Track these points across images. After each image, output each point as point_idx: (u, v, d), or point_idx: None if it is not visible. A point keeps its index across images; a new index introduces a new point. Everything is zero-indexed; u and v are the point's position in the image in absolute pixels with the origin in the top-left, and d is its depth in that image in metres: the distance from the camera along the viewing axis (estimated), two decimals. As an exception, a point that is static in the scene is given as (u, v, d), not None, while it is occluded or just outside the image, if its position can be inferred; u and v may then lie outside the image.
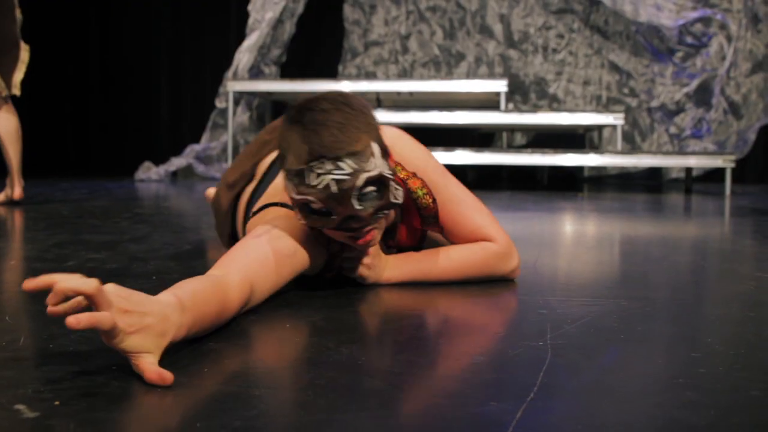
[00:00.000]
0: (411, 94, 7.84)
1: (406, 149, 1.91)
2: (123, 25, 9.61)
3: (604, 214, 4.47)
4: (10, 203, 4.57)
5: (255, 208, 1.92)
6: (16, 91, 4.47)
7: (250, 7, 8.17)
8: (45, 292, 1.07)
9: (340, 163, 1.57)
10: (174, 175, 8.30)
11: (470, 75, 8.93)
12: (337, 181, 1.57)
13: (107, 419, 0.96)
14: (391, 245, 2.00)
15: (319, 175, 1.57)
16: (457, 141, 7.86)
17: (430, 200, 1.88)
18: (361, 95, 8.00)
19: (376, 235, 1.70)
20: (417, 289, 1.86)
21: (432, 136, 6.89)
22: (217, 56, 8.94)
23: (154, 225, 3.49)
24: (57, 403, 1.00)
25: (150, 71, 9.64)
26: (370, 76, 9.03)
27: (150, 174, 8.02)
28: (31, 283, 1.05)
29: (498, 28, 8.93)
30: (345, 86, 7.51)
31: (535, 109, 8.64)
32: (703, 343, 1.40)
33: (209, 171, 8.15)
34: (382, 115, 6.83)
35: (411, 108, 7.49)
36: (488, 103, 8.09)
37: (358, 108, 1.63)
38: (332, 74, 8.97)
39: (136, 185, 7.15)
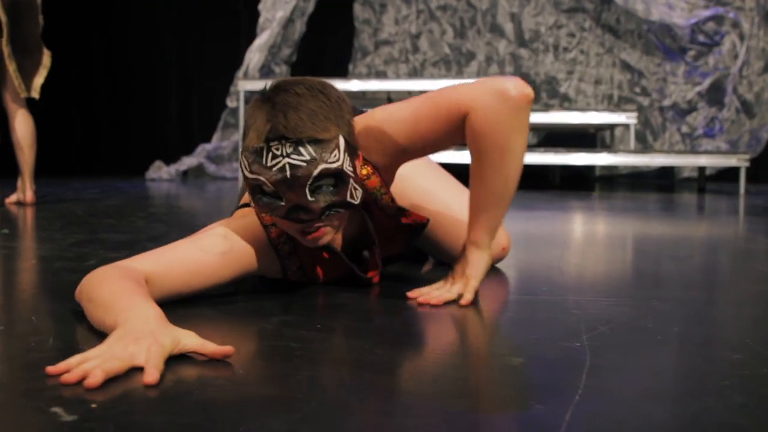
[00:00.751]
0: (422, 93, 7.82)
1: (391, 130, 1.72)
2: (131, 23, 9.60)
3: (618, 213, 4.44)
4: (22, 204, 4.56)
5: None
6: (36, 94, 4.48)
7: (260, 6, 8.15)
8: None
9: (301, 148, 1.51)
10: (185, 174, 8.29)
11: (481, 74, 8.89)
12: (292, 165, 1.51)
13: (145, 422, 0.94)
14: (376, 253, 1.85)
15: (275, 156, 1.51)
16: (469, 140, 7.82)
17: (389, 199, 1.79)
18: (372, 94, 8.02)
19: (328, 233, 1.62)
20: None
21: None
22: (227, 55, 8.92)
23: (170, 224, 3.48)
24: (94, 406, 0.98)
25: (159, 70, 9.62)
26: (381, 75, 9.01)
27: (161, 173, 8.01)
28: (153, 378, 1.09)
29: (509, 27, 8.90)
30: (355, 85, 7.49)
31: (547, 108, 8.60)
32: (742, 345, 1.38)
33: (220, 170, 8.14)
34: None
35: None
36: (499, 102, 8.06)
37: (334, 99, 1.57)
38: (342, 73, 8.95)
39: (147, 184, 7.15)
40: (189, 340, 1.21)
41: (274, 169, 1.51)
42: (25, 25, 4.42)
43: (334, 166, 1.53)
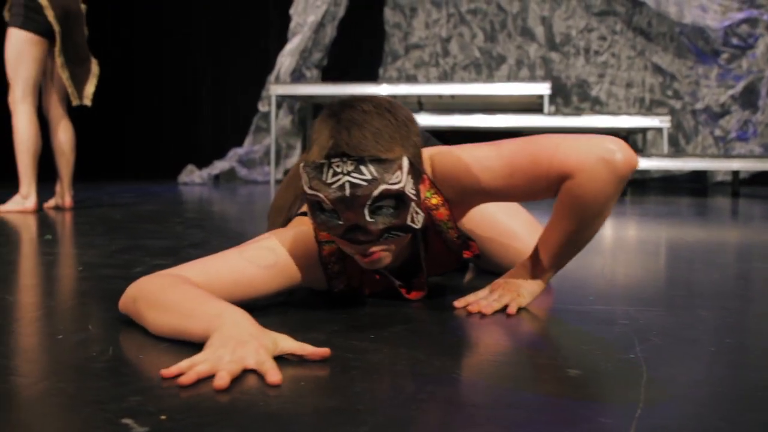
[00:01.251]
0: (452, 97, 7.82)
1: (479, 175, 1.66)
2: (164, 28, 9.67)
3: (652, 218, 4.42)
4: (61, 209, 4.63)
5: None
6: (88, 101, 4.59)
7: (292, 11, 8.20)
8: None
9: (362, 167, 1.45)
10: (216, 178, 8.34)
11: (511, 78, 8.88)
12: (352, 184, 1.46)
13: (215, 434, 0.95)
14: (415, 286, 1.81)
15: (335, 173, 1.46)
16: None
17: (455, 235, 1.75)
18: (402, 98, 8.03)
19: (385, 257, 1.57)
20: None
21: (473, 140, 6.85)
22: (258, 60, 8.97)
23: (208, 230, 3.51)
24: (164, 417, 0.99)
25: (192, 74, 9.70)
26: (411, 79, 9.03)
27: (193, 177, 8.07)
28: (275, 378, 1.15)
29: (539, 31, 8.88)
30: (385, 89, 7.51)
31: (579, 111, 8.57)
32: (798, 357, 1.37)
33: (251, 174, 8.19)
34: (423, 119, 6.82)
35: (454, 111, 7.44)
36: (529, 105, 8.05)
37: (401, 119, 1.53)
38: (373, 77, 8.98)
39: (180, 188, 7.20)
40: (286, 342, 1.27)
41: (334, 186, 1.47)
42: (75, 34, 4.53)
43: (395, 187, 1.48)
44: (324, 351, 1.27)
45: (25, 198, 4.43)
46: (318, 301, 1.79)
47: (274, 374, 1.15)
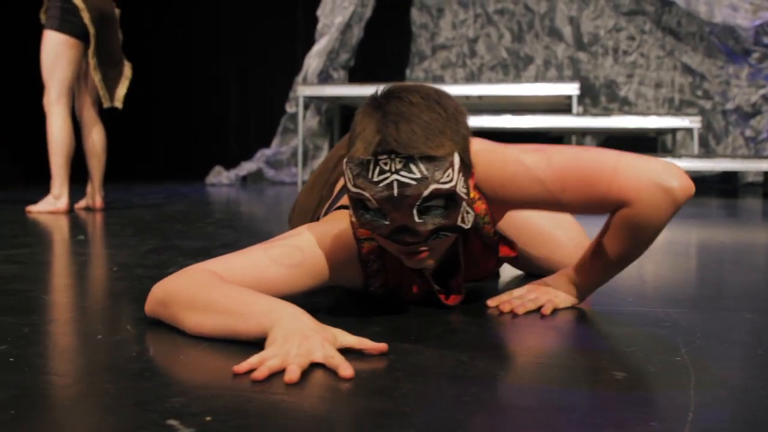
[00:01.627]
0: (480, 97, 7.79)
1: (525, 185, 1.59)
2: (191, 29, 9.71)
3: (684, 219, 4.37)
4: (91, 209, 4.66)
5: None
6: (119, 104, 4.62)
7: (319, 12, 8.21)
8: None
9: (411, 165, 1.37)
10: (244, 179, 8.37)
11: (539, 78, 8.84)
12: (401, 183, 1.37)
13: (261, 435, 0.94)
14: (453, 289, 1.73)
15: (383, 171, 1.38)
16: (527, 145, 7.77)
17: (491, 231, 1.68)
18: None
19: (432, 257, 1.49)
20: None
21: (500, 140, 6.82)
22: (285, 61, 8.99)
23: (239, 231, 3.51)
24: (209, 419, 0.98)
25: (219, 75, 9.73)
26: (438, 79, 9.00)
27: (221, 178, 8.10)
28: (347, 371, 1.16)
29: (567, 31, 8.83)
30: (414, 90, 7.47)
31: (608, 112, 8.51)
32: None
33: (279, 175, 8.21)
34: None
35: (481, 112, 7.40)
36: (557, 106, 8.00)
37: (451, 111, 1.43)
38: (400, 78, 8.96)
39: (208, 189, 7.22)
40: (345, 337, 1.29)
41: (381, 185, 1.38)
42: (109, 37, 4.57)
43: (446, 186, 1.39)
44: (382, 346, 1.28)
45: (57, 199, 4.46)
46: (352, 302, 1.78)
47: (345, 367, 1.15)
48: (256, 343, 1.28)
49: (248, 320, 1.32)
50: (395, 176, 1.37)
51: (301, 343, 1.20)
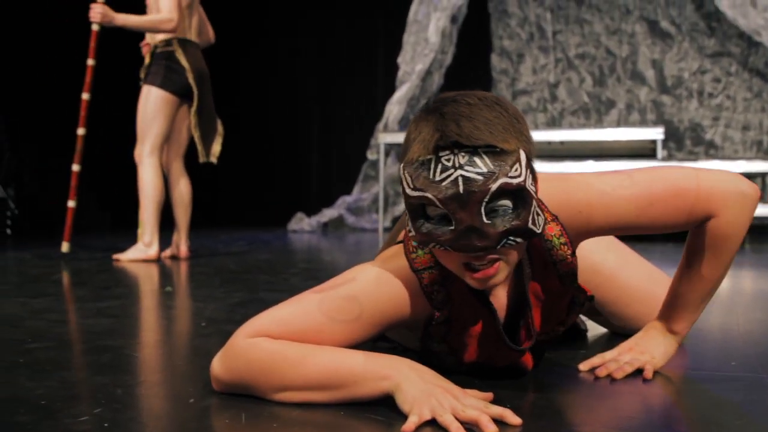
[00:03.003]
0: (561, 143, 7.72)
1: (612, 206, 1.52)
2: (273, 77, 9.88)
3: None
4: (177, 258, 4.76)
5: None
6: (214, 159, 4.80)
7: (399, 60, 8.27)
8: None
9: (476, 158, 1.26)
10: (325, 226, 8.42)
11: (621, 122, 8.73)
12: (466, 179, 1.26)
13: None
14: (530, 320, 1.53)
15: (445, 168, 1.27)
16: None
17: (568, 252, 1.50)
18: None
19: (502, 270, 1.35)
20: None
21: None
22: (366, 108, 9.07)
23: (323, 281, 3.50)
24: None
25: (301, 123, 9.87)
26: (518, 125, 8.95)
27: (303, 225, 8.18)
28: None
29: (650, 74, 8.72)
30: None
31: (694, 156, 8.34)
32: None
33: (359, 222, 8.24)
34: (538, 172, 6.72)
35: (564, 158, 7.32)
36: (641, 150, 7.87)
37: (512, 112, 1.34)
38: (480, 124, 8.94)
39: (290, 236, 7.28)
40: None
41: (445, 183, 1.27)
42: (206, 95, 4.69)
43: (515, 181, 1.28)
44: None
45: (149, 247, 4.56)
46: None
47: (512, 416, 1.24)
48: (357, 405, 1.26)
49: (361, 387, 1.34)
50: (460, 171, 1.26)
51: (458, 398, 1.28)
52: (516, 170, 1.27)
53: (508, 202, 1.29)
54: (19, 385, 1.57)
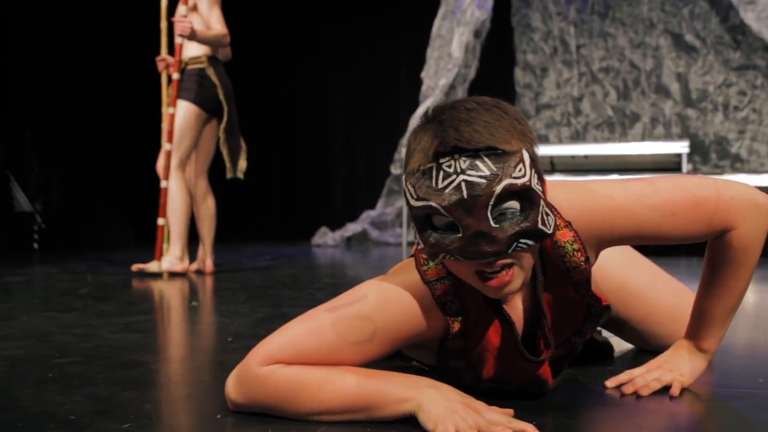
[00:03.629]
0: (586, 157, 7.70)
1: (637, 213, 1.49)
2: (299, 92, 9.93)
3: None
4: (202, 273, 4.79)
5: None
6: (241, 175, 4.86)
7: (423, 75, 8.29)
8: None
9: (478, 162, 1.24)
10: (348, 240, 8.44)
11: (645, 136, 8.69)
12: (469, 183, 1.23)
13: None
14: (546, 328, 1.48)
15: (447, 175, 1.24)
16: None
17: (582, 259, 1.46)
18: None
19: (517, 276, 1.31)
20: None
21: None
22: (389, 122, 9.09)
23: (348, 297, 3.51)
24: None
25: (324, 137, 9.91)
26: (542, 139, 8.94)
27: (326, 239, 8.19)
28: None
29: (675, 87, 8.67)
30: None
31: (720, 170, 8.28)
32: None
33: (383, 236, 8.25)
34: (558, 180, 6.71)
35: (587, 172, 7.30)
36: (666, 164, 7.83)
37: (512, 114, 1.31)
38: (504, 138, 8.93)
39: (314, 251, 7.30)
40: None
41: (448, 189, 1.24)
42: (232, 110, 4.74)
43: (520, 182, 1.25)
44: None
45: (180, 260, 4.60)
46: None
47: (535, 431, 1.27)
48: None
49: (383, 410, 1.36)
50: (462, 176, 1.24)
51: (482, 413, 1.32)
52: (520, 170, 1.25)
53: (515, 204, 1.27)
54: (49, 399, 1.59)
